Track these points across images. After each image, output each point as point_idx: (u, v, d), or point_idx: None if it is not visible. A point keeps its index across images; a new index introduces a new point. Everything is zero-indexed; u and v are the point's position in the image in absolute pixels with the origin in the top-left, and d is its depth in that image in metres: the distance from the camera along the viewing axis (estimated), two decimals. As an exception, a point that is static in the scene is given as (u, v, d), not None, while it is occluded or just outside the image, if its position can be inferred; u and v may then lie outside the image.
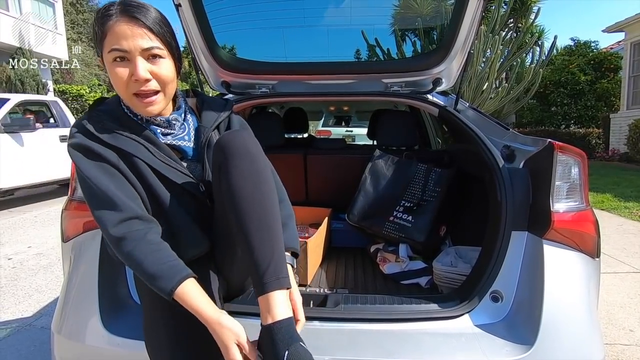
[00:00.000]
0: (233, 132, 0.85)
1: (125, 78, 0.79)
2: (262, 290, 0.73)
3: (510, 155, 1.12)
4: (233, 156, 0.78)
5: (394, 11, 1.79)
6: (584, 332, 0.89)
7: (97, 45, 0.82)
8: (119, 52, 0.77)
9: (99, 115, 0.85)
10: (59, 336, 0.97)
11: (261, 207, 0.77)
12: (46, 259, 3.10)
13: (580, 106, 11.18)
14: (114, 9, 0.78)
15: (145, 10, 0.79)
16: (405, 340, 0.90)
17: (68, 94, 15.19)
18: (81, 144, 0.81)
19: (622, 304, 2.08)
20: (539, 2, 9.45)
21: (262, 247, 0.74)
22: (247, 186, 0.77)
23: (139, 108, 0.83)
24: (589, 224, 0.98)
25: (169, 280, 0.75)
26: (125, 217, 0.78)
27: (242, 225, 0.75)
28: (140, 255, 0.76)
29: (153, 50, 0.79)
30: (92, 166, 0.80)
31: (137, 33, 0.77)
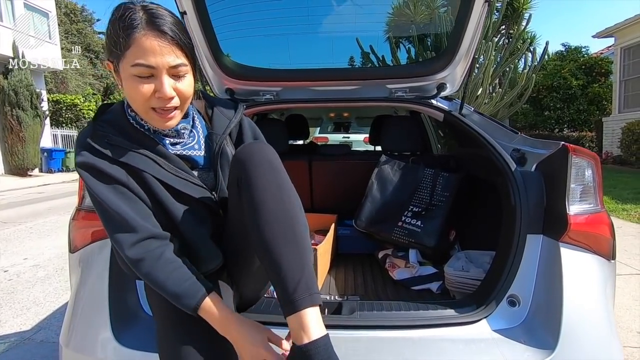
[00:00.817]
0: (251, 145, 0.82)
1: (147, 94, 0.75)
2: (294, 308, 0.69)
3: (521, 158, 1.12)
4: (254, 169, 0.75)
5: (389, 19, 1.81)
6: (604, 334, 0.88)
7: (112, 51, 0.76)
8: (146, 68, 0.74)
9: (104, 128, 0.81)
10: (67, 350, 0.95)
11: (287, 221, 0.73)
12: (43, 270, 3.04)
13: (573, 110, 11.35)
14: (138, 18, 0.73)
15: (170, 20, 0.76)
16: (426, 347, 0.88)
17: (62, 103, 15.13)
18: (88, 164, 0.78)
19: (628, 306, 2.08)
20: (530, 9, 9.64)
21: (291, 263, 0.71)
22: (271, 200, 0.74)
23: (155, 122, 0.81)
24: (605, 226, 0.99)
25: (192, 298, 0.75)
26: (140, 238, 0.76)
27: (267, 241, 0.72)
28: (161, 275, 0.76)
29: (178, 68, 0.76)
30: (103, 188, 0.78)
31: (165, 50, 0.74)
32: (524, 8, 8.42)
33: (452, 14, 1.61)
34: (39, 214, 5.47)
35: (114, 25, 0.74)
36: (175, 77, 0.77)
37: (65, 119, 15.14)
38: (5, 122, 10.80)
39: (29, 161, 11.17)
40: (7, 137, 10.84)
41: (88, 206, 1.06)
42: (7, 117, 10.70)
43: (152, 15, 0.74)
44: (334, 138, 6.32)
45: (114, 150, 0.79)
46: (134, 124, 0.83)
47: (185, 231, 0.83)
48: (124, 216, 0.76)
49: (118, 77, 0.79)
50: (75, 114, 15.34)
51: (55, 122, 14.68)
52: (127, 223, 0.76)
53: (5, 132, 10.90)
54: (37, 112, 11.26)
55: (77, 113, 15.35)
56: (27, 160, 11.08)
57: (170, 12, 0.78)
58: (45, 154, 12.33)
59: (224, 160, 0.91)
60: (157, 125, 0.82)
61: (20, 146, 10.90)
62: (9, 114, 10.69)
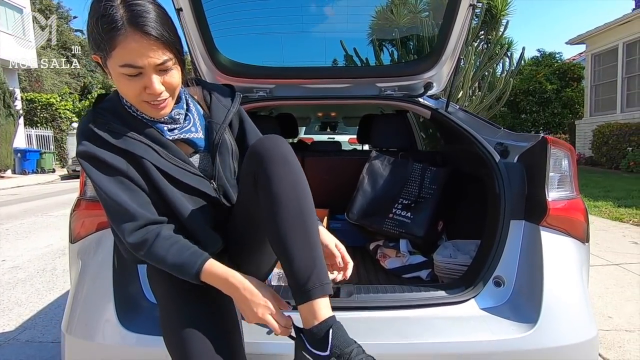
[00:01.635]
0: (269, 139, 0.83)
1: (138, 91, 0.77)
2: (307, 298, 0.73)
3: (504, 151, 1.20)
4: (272, 166, 0.78)
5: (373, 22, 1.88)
6: (580, 310, 0.97)
7: (96, 48, 0.76)
8: (133, 68, 0.74)
9: (104, 116, 0.83)
10: (70, 337, 0.96)
11: (301, 217, 0.77)
12: (23, 272, 2.96)
13: (548, 113, 11.82)
14: (119, 17, 0.71)
15: (152, 17, 0.74)
16: (420, 325, 0.95)
17: (37, 102, 14.60)
18: (89, 153, 0.80)
19: (600, 293, 2.22)
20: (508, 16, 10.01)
21: (303, 255, 0.75)
22: (287, 194, 0.77)
23: (150, 112, 0.83)
24: (579, 211, 1.07)
25: (193, 265, 0.78)
26: (139, 225, 0.80)
27: (282, 235, 0.75)
28: (161, 251, 0.79)
29: (166, 64, 0.77)
30: (103, 178, 0.80)
31: (151, 49, 0.73)
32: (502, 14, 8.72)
33: (437, 17, 1.69)
34: (14, 216, 5.29)
35: (96, 24, 0.73)
36: (163, 72, 0.78)
37: (40, 118, 14.61)
38: (-24, 121, 10.37)
39: (2, 162, 10.73)
40: (-22, 137, 10.41)
41: (90, 196, 1.07)
42: (-22, 116, 10.27)
43: (134, 13, 0.72)
44: (320, 139, 6.37)
45: (115, 137, 0.81)
46: (131, 112, 0.85)
47: (183, 217, 0.85)
48: (124, 206, 0.79)
49: (107, 70, 0.79)
50: (51, 113, 14.83)
51: (29, 121, 14.14)
52: (127, 212, 0.79)
53: (-25, 132, 10.45)
54: (10, 111, 10.84)
55: (52, 113, 14.85)
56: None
57: (152, 4, 0.75)
58: (19, 155, 11.88)
59: (223, 148, 0.93)
60: (152, 115, 0.84)
61: (-8, 146, 10.47)
62: (-20, 112, 10.26)
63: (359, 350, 0.72)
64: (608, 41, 8.80)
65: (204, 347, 0.76)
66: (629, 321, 1.89)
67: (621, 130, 7.70)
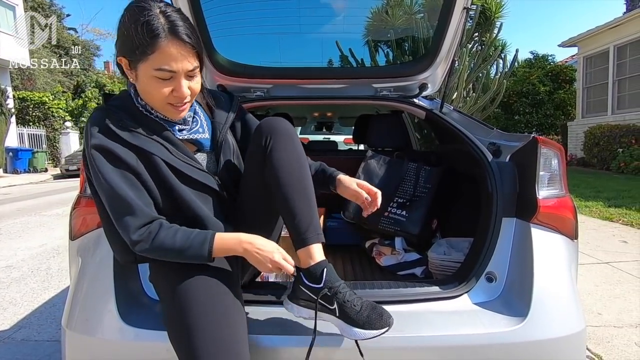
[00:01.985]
0: (275, 118, 0.97)
1: (165, 93, 0.84)
2: (305, 243, 0.90)
3: (497, 151, 1.24)
4: (281, 137, 0.92)
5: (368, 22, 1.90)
6: (569, 305, 1.00)
7: (131, 51, 0.82)
8: (167, 72, 0.82)
9: (117, 113, 0.87)
10: (70, 332, 0.97)
11: (302, 182, 0.92)
12: (17, 271, 2.95)
13: (541, 115, 11.97)
14: (160, 25, 0.79)
15: (187, 26, 0.83)
16: (415, 319, 0.97)
17: (29, 101, 14.44)
18: (103, 146, 0.83)
19: (589, 291, 2.27)
20: (501, 18, 10.14)
21: (303, 212, 0.90)
22: (292, 163, 0.92)
23: (171, 114, 0.89)
24: (568, 209, 1.11)
25: (203, 243, 0.84)
26: (144, 222, 0.84)
27: (286, 194, 0.90)
28: (167, 240, 0.83)
29: (194, 70, 0.86)
30: (113, 172, 0.83)
31: (185, 56, 0.82)
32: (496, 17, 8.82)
33: (432, 19, 1.72)
34: (7, 216, 5.24)
35: (136, 30, 0.79)
36: (189, 78, 0.86)
37: (32, 117, 14.45)
38: (-33, 120, 10.24)
39: (-7, 161, 10.62)
40: (-31, 135, 10.28)
41: (91, 194, 1.08)
42: (-31, 114, 10.14)
43: (173, 23, 0.81)
44: (315, 138, 6.39)
45: (128, 133, 0.85)
46: (143, 111, 0.90)
47: (191, 210, 0.90)
48: (130, 202, 0.82)
49: (131, 73, 0.85)
50: (44, 112, 14.68)
51: (21, 120, 13.99)
52: (133, 208, 0.82)
53: (-34, 131, 10.33)
54: (1, 110, 10.74)
55: (45, 111, 14.70)
56: (-10, 160, 10.54)
57: (183, 15, 0.85)
58: (11, 154, 11.76)
59: (226, 147, 1.02)
60: (172, 117, 0.90)
61: (-17, 145, 10.35)
62: (-29, 111, 10.14)
63: (345, 285, 0.90)
64: (599, 44, 8.93)
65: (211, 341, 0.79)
66: (617, 317, 1.94)
67: (612, 132, 7.83)
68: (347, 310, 0.86)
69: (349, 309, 0.86)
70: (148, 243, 0.82)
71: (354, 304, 0.86)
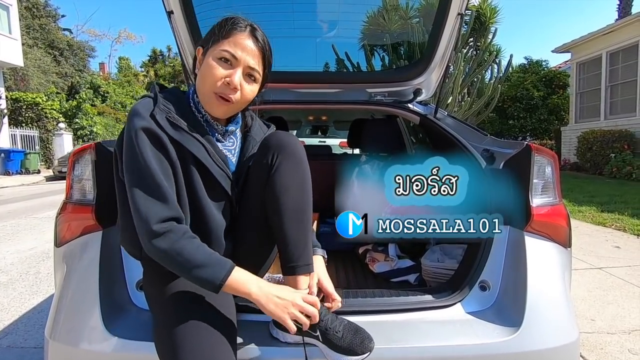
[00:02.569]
0: (286, 134, 0.95)
1: (219, 76, 0.85)
2: (293, 272, 0.90)
3: (490, 157, 1.23)
4: (287, 158, 0.90)
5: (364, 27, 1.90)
6: (562, 313, 0.99)
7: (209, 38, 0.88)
8: (230, 55, 0.85)
9: (167, 105, 0.86)
10: (54, 342, 0.94)
11: (303, 209, 0.91)
12: (5, 275, 2.89)
13: (535, 119, 12.07)
14: (244, 25, 0.89)
15: (266, 39, 0.91)
16: (406, 329, 0.96)
17: (22, 101, 14.28)
18: (151, 130, 0.81)
19: (583, 297, 2.27)
20: (496, 24, 10.24)
21: (298, 240, 0.90)
22: (295, 188, 0.90)
23: (212, 106, 0.89)
24: (562, 217, 1.10)
25: (223, 267, 0.80)
26: (171, 216, 0.80)
27: (282, 219, 0.89)
28: (189, 246, 0.79)
29: (253, 72, 0.88)
30: (155, 156, 0.81)
31: (252, 51, 0.87)
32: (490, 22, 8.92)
33: (427, 24, 1.72)
34: (-4, 218, 5.17)
35: (222, 22, 0.89)
36: (247, 78, 0.88)
37: (25, 118, 14.28)
38: (-42, 120, 10.10)
39: (-16, 162, 10.48)
40: (-40, 136, 10.13)
41: (77, 200, 1.06)
42: (-40, 115, 10.01)
43: (256, 29, 0.90)
44: (310, 142, 6.38)
45: (172, 127, 0.84)
46: (193, 108, 0.91)
47: (208, 219, 0.89)
48: (164, 189, 0.80)
49: (200, 61, 0.89)
50: (37, 113, 14.51)
51: (14, 121, 13.82)
52: (164, 196, 0.80)
53: (-43, 131, 10.18)
54: (-6, 111, 10.61)
55: (38, 112, 14.53)
56: (-19, 161, 10.39)
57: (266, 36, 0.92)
58: (3, 155, 11.61)
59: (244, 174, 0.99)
60: (211, 110, 0.90)
61: (-26, 146, 10.21)
62: (-38, 111, 10.00)
63: (327, 311, 0.92)
64: (592, 50, 9.04)
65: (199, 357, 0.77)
66: (610, 324, 1.94)
67: (604, 137, 7.91)
68: (330, 337, 0.87)
69: (331, 336, 0.87)
70: (167, 242, 0.78)
71: (336, 331, 0.88)
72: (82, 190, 1.05)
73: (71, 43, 22.71)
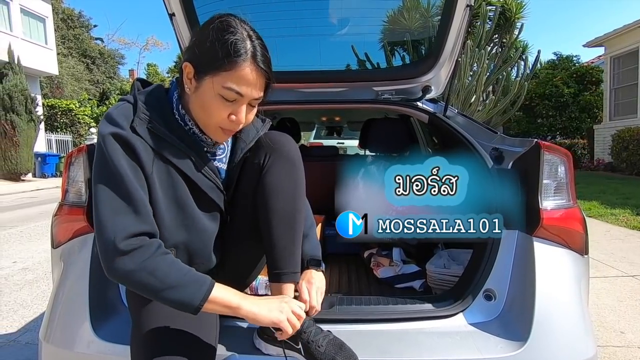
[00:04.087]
0: (280, 135, 0.91)
1: (225, 115, 0.78)
2: (278, 280, 0.87)
3: (499, 156, 1.15)
4: (279, 159, 0.87)
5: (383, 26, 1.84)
6: (576, 328, 0.90)
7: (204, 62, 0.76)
8: (236, 94, 0.77)
9: (150, 112, 0.79)
10: (47, 344, 0.95)
11: (293, 213, 0.87)
12: (32, 273, 3.02)
13: (565, 117, 11.52)
14: (245, 48, 0.75)
15: (267, 57, 0.79)
16: (401, 340, 0.90)
17: (57, 108, 15.09)
18: (121, 135, 0.74)
19: (613, 307, 2.11)
20: (522, 19, 9.86)
21: (285, 247, 0.87)
22: (286, 191, 0.86)
23: (216, 137, 0.83)
24: (577, 221, 1.01)
25: (202, 285, 0.72)
26: (143, 231, 0.73)
27: (271, 223, 0.86)
28: (163, 265, 0.71)
29: (257, 100, 0.82)
30: (126, 162, 0.74)
31: (256, 84, 0.78)
32: (516, 17, 8.60)
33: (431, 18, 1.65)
34: (31, 218, 5.43)
35: (219, 43, 0.75)
36: (249, 106, 0.82)
37: (60, 123, 15.08)
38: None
39: (23, 166, 11.10)
40: (1, 141, 10.79)
41: (72, 202, 1.06)
42: (1, 121, 10.65)
43: (256, 49, 0.77)
44: (328, 144, 6.33)
45: (153, 138, 0.77)
46: (179, 120, 0.82)
47: (197, 231, 0.85)
48: (136, 199, 0.72)
49: (191, 82, 0.79)
50: (70, 118, 15.30)
51: (49, 126, 14.61)
52: (136, 206, 0.72)
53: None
54: (31, 117, 11.23)
55: (72, 118, 15.31)
56: (20, 164, 11.01)
57: (264, 43, 0.81)
58: (39, 159, 12.26)
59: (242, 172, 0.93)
60: (216, 139, 0.84)
61: (13, 151, 10.83)
62: (2, 118, 10.64)
63: (311, 322, 0.86)
64: (627, 43, 8.52)
65: None
66: (642, 337, 1.78)
67: (642, 135, 7.42)
68: (312, 350, 0.82)
69: (313, 350, 0.82)
70: (136, 261, 0.69)
71: (319, 344, 0.82)
72: (76, 192, 1.05)
73: (102, 51, 23.81)
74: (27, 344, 1.92)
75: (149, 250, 0.71)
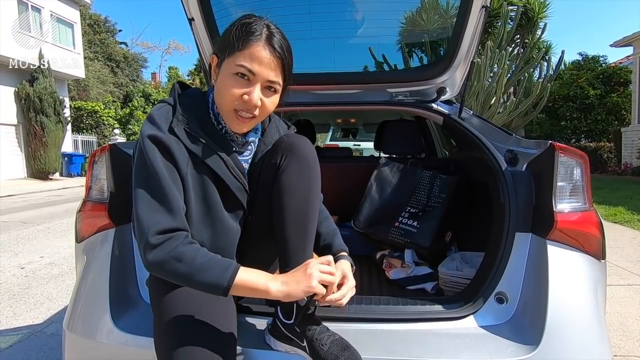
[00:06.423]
0: (298, 137, 0.92)
1: (238, 94, 0.81)
2: None
3: (513, 159, 1.13)
4: (295, 160, 0.88)
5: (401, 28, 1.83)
6: (590, 334, 0.88)
7: (224, 47, 0.82)
8: (247, 70, 0.79)
9: (188, 113, 0.83)
10: (70, 333, 0.99)
11: (305, 210, 0.88)
12: (58, 268, 3.15)
13: (590, 120, 11.11)
14: (260, 31, 0.80)
15: (285, 43, 0.83)
16: (410, 340, 0.90)
17: (83, 110, 15.68)
18: (158, 138, 0.78)
19: (637, 316, 2.03)
20: (545, 18, 9.58)
21: (297, 246, 0.87)
22: (300, 191, 0.87)
23: (231, 123, 0.85)
24: (592, 224, 0.98)
25: (225, 269, 0.75)
26: (175, 227, 0.76)
27: (284, 222, 0.87)
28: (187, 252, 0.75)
29: (273, 84, 0.83)
30: (163, 164, 0.78)
31: (270, 64, 0.80)
32: (539, 17, 8.37)
33: (451, 19, 1.64)
34: (57, 216, 5.66)
35: (236, 28, 0.81)
36: (266, 91, 0.83)
37: (85, 125, 15.67)
38: (30, 128, 11.26)
39: (50, 165, 11.57)
40: (31, 142, 11.29)
41: (96, 198, 1.12)
42: (32, 122, 11.15)
43: (272, 33, 0.82)
44: (344, 145, 6.32)
45: (189, 139, 0.82)
46: (213, 119, 0.87)
47: (223, 230, 0.88)
48: (171, 197, 0.76)
49: (216, 72, 0.85)
50: (96, 120, 15.87)
51: (76, 128, 15.20)
52: (170, 204, 0.76)
53: (29, 137, 11.35)
54: (59, 119, 11.70)
55: (97, 119, 15.89)
56: (48, 164, 11.49)
57: (285, 36, 0.85)
58: (66, 159, 12.75)
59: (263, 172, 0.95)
60: (231, 126, 0.86)
61: (42, 151, 11.32)
62: (33, 119, 11.14)
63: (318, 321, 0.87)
64: (659, 42, 8.17)
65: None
66: (668, 348, 1.71)
67: (674, 138, 7.08)
68: (316, 348, 0.83)
69: (317, 348, 0.83)
70: (164, 251, 0.73)
71: (323, 343, 0.82)
72: (98, 189, 1.11)
73: (126, 55, 24.59)
74: (52, 335, 2.01)
75: (177, 240, 0.75)
